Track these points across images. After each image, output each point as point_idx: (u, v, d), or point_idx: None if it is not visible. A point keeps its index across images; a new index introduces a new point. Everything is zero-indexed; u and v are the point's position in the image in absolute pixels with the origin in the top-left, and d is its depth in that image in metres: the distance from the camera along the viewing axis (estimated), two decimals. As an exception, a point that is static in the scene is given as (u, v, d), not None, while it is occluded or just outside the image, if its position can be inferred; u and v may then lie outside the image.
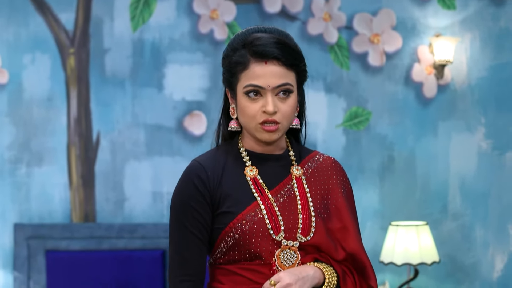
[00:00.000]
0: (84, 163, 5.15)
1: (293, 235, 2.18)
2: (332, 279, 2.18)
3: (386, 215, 5.06)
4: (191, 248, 2.18)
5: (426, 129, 5.16)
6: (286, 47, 2.16)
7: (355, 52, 5.15)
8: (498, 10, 5.13)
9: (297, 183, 2.25)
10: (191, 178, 2.18)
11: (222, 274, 2.22)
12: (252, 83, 2.14)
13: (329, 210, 2.26)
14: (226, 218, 2.18)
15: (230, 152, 2.27)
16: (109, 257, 4.96)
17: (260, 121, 2.15)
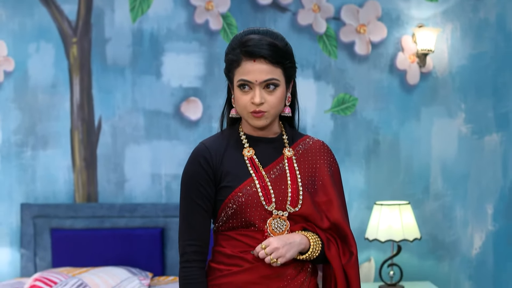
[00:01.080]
0: (87, 147, 5.21)
1: (283, 206, 2.40)
2: (317, 246, 2.39)
3: (371, 195, 5.17)
4: (197, 217, 2.41)
5: (409, 115, 5.24)
6: (273, 47, 2.36)
7: (343, 41, 5.22)
8: (477, 2, 5.21)
9: (288, 162, 2.47)
10: (197, 158, 2.42)
11: (223, 239, 2.43)
12: (243, 78, 2.36)
13: (316, 185, 2.47)
14: (226, 191, 2.40)
15: (232, 135, 2.50)
16: (111, 235, 5.03)
17: (250, 110, 2.38)
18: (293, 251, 2.36)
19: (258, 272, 2.38)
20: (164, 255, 5.07)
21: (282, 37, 2.44)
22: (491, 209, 5.19)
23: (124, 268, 4.71)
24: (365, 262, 5.13)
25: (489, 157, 5.23)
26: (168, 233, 5.08)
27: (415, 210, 5.10)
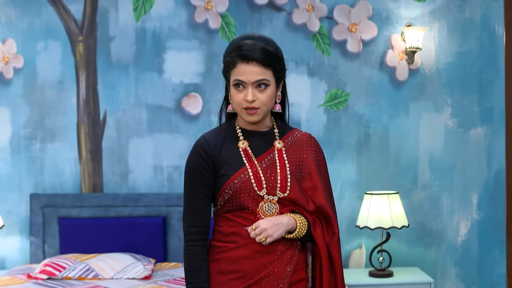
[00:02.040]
0: (92, 140, 5.36)
1: (273, 191, 2.64)
2: (303, 226, 2.63)
3: (362, 186, 5.35)
4: (199, 201, 2.65)
5: (398, 109, 5.41)
6: (264, 51, 2.59)
7: (335, 39, 5.39)
8: (463, 3, 5.39)
9: (278, 153, 2.71)
10: (198, 150, 2.67)
11: (221, 221, 2.69)
12: (237, 78, 2.59)
13: (303, 173, 2.71)
14: (223, 179, 2.64)
15: (229, 129, 2.74)
16: (116, 223, 5.18)
17: (243, 106, 2.61)
18: (280, 231, 2.59)
19: (251, 248, 2.61)
20: (166, 243, 5.23)
21: (273, 42, 2.66)
22: (476, 198, 5.38)
23: (128, 254, 4.88)
24: (357, 249, 5.33)
25: (474, 150, 5.41)
26: (170, 221, 5.25)
27: (404, 200, 5.29)
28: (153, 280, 4.63)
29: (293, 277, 2.68)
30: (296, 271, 2.69)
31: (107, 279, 4.62)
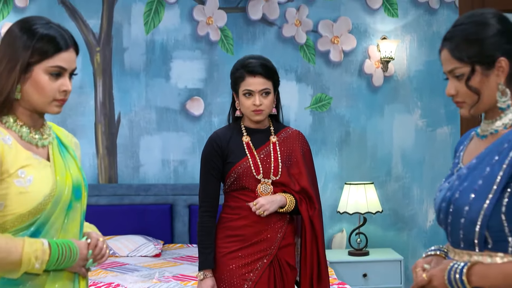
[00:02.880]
0: (108, 137, 5.88)
1: (268, 175, 3.27)
2: (292, 202, 3.25)
3: (343, 177, 5.94)
4: (210, 182, 3.28)
5: (374, 111, 5.98)
6: (266, 67, 3.23)
7: (320, 50, 5.97)
8: (431, 18, 6.00)
9: (273, 146, 3.32)
10: (211, 142, 3.30)
11: (229, 198, 3.32)
12: (247, 88, 3.23)
13: (291, 161, 3.32)
14: (230, 165, 3.27)
15: (235, 127, 3.36)
16: (129, 210, 5.68)
17: (252, 109, 3.22)
18: (275, 206, 3.21)
19: (250, 218, 3.24)
20: (172, 227, 5.78)
21: (270, 61, 3.31)
22: (442, 189, 6.02)
23: (141, 236, 5.46)
24: (338, 232, 5.97)
25: (440, 146, 6.00)
26: (176, 208, 5.80)
27: (379, 190, 5.91)
28: (162, 257, 5.24)
29: (282, 242, 3.25)
30: (285, 238, 3.27)
31: (123, 256, 5.24)
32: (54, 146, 2.29)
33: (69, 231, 2.23)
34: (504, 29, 1.99)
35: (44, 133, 2.28)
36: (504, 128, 2.01)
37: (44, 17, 2.24)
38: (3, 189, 2.06)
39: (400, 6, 6.03)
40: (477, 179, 1.95)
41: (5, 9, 5.81)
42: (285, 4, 5.97)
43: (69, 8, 5.85)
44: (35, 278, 2.13)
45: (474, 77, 1.98)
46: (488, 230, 1.92)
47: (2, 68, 2.12)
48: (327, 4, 5.99)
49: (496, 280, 1.90)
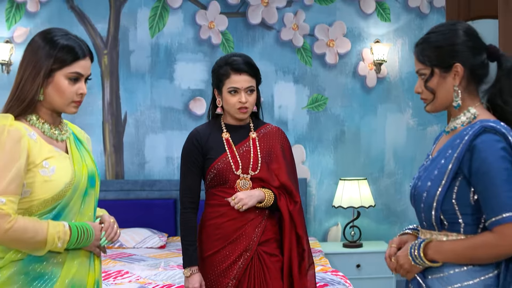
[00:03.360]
0: (115, 135, 6.09)
1: (247, 171, 3.21)
2: (270, 197, 3.19)
3: (338, 173, 6.17)
4: (191, 178, 3.23)
5: (368, 111, 6.19)
6: (250, 65, 3.18)
7: (316, 53, 6.19)
8: (422, 22, 6.23)
9: (252, 142, 3.26)
10: (191, 139, 3.24)
11: (209, 196, 3.26)
12: (232, 85, 3.16)
13: (271, 157, 3.27)
14: (209, 161, 3.21)
15: (215, 124, 3.29)
16: (135, 205, 5.90)
17: (237, 107, 3.16)
18: (253, 201, 3.15)
19: (229, 216, 3.18)
20: (176, 220, 6.02)
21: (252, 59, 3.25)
22: (433, 184, 6.25)
23: (146, 229, 5.73)
24: (334, 226, 6.22)
25: (430, 144, 6.09)
26: (179, 203, 5.97)
27: (372, 185, 6.15)
28: (167, 249, 5.51)
29: (262, 237, 3.20)
30: (265, 233, 3.21)
31: (130, 247, 5.51)
32: (71, 141, 2.60)
33: (85, 214, 2.55)
34: (467, 39, 2.29)
35: (62, 129, 2.59)
36: (461, 126, 2.31)
37: (63, 28, 2.55)
38: (29, 178, 2.37)
39: (393, 11, 6.26)
40: (434, 169, 2.27)
41: (17, 13, 6.08)
42: (283, 9, 6.21)
43: (78, 13, 6.09)
44: (57, 255, 2.43)
45: (432, 79, 2.30)
46: (443, 213, 2.23)
47: (27, 74, 2.43)
48: (323, 9, 6.23)
49: (447, 254, 2.22)
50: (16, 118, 2.42)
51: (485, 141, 2.16)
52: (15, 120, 2.41)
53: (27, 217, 2.35)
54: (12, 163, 2.31)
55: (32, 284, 2.39)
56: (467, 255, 2.19)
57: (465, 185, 2.20)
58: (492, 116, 2.30)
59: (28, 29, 6.08)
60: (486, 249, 2.15)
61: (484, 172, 2.13)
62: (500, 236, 2.12)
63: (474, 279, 2.20)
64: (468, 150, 2.18)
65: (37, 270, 2.41)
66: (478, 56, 2.30)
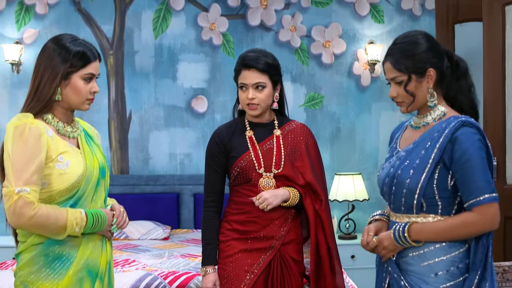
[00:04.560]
0: (120, 132, 6.30)
1: (270, 169, 3.14)
2: (295, 197, 3.11)
3: (334, 168, 6.40)
4: (214, 177, 3.21)
5: (363, 109, 6.40)
6: (261, 61, 3.09)
7: (313, 53, 6.41)
8: (414, 24, 6.47)
9: (276, 139, 3.19)
10: (214, 137, 3.22)
11: (233, 192, 3.23)
12: (241, 81, 3.11)
13: (295, 155, 3.18)
14: (233, 160, 3.17)
15: (239, 122, 3.26)
16: (140, 199, 6.08)
17: (246, 103, 3.11)
18: (278, 200, 3.08)
19: (253, 214, 3.13)
20: (179, 214, 6.22)
21: (271, 55, 3.19)
22: (425, 179, 6.48)
23: (150, 222, 5.94)
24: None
25: None
26: (182, 197, 6.24)
27: (367, 180, 6.37)
28: (170, 240, 5.72)
29: (286, 238, 3.15)
30: (289, 233, 3.16)
31: (135, 239, 5.73)
32: (82, 137, 2.89)
33: (97, 202, 2.83)
34: (431, 46, 2.63)
35: (74, 127, 2.87)
36: (433, 121, 2.63)
37: (71, 34, 2.83)
38: (47, 171, 2.65)
39: (386, 13, 6.49)
40: (415, 159, 2.58)
41: (26, 16, 6.31)
42: (281, 11, 6.43)
43: (85, 15, 6.32)
44: (73, 239, 2.71)
45: (410, 84, 2.60)
46: (424, 198, 2.54)
47: (46, 78, 2.71)
48: (319, 12, 6.44)
49: (429, 234, 2.53)
50: (34, 117, 2.69)
51: (464, 134, 2.49)
52: (34, 119, 2.68)
53: (48, 205, 2.62)
54: (34, 157, 2.59)
55: (51, 264, 2.67)
56: (448, 233, 2.51)
57: (444, 172, 2.52)
58: (457, 112, 2.63)
59: (37, 31, 6.31)
60: (466, 227, 2.48)
61: (465, 160, 2.46)
62: (480, 215, 2.46)
63: (446, 255, 2.52)
64: (450, 141, 2.49)
65: (56, 252, 2.68)
66: (443, 60, 2.62)
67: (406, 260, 2.61)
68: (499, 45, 4.87)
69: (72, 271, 2.69)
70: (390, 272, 2.65)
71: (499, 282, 3.94)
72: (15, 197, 2.54)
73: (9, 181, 2.58)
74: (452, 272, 2.53)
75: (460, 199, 2.57)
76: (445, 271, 2.53)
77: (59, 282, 2.66)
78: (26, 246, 2.69)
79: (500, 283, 3.96)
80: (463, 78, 2.68)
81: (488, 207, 2.46)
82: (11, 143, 2.61)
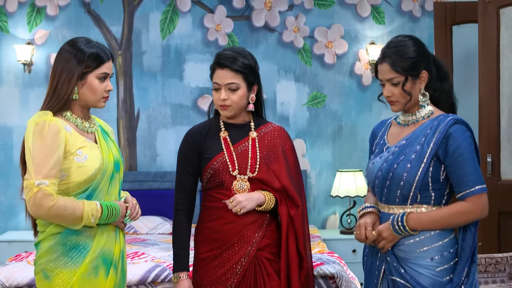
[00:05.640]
0: (129, 130, 6.48)
1: (244, 172, 3.02)
2: (270, 201, 3.01)
3: (336, 165, 6.55)
4: (186, 179, 3.08)
5: (364, 107, 6.56)
6: (236, 61, 2.94)
7: (315, 54, 6.57)
8: (414, 25, 6.63)
9: (252, 141, 3.07)
10: (187, 137, 3.13)
11: (205, 197, 3.09)
12: (215, 81, 3.00)
13: (271, 157, 3.06)
14: (206, 161, 3.04)
15: (214, 122, 3.12)
16: (147, 194, 6.23)
17: (219, 104, 2.99)
18: (252, 204, 2.96)
19: (227, 218, 2.99)
20: None
21: (250, 55, 3.03)
22: (424, 176, 6.65)
23: (158, 217, 6.14)
24: (332, 215, 6.64)
25: None
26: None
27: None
28: None
29: (262, 242, 3.01)
30: (265, 237, 3.03)
31: (143, 233, 5.94)
32: (99, 133, 3.08)
33: (112, 194, 3.01)
34: (424, 50, 2.86)
35: (91, 123, 3.06)
36: (422, 119, 2.86)
37: (85, 37, 3.02)
38: (66, 164, 2.84)
39: (387, 15, 6.66)
40: (410, 153, 2.79)
41: (38, 17, 6.51)
42: (285, 13, 6.61)
43: (94, 16, 6.50)
44: (89, 229, 2.90)
45: (406, 84, 2.79)
46: (419, 189, 2.76)
47: (63, 79, 2.91)
48: (322, 13, 6.63)
49: (427, 223, 2.76)
50: (54, 115, 2.88)
51: (457, 130, 2.74)
52: (53, 116, 2.87)
53: (66, 197, 2.81)
54: (53, 152, 2.78)
55: (69, 253, 2.86)
56: (444, 222, 2.75)
57: (437, 165, 2.76)
58: (442, 111, 2.86)
59: (48, 32, 6.50)
60: (461, 215, 2.73)
61: (459, 154, 2.71)
62: (473, 204, 2.72)
63: (439, 241, 2.77)
64: (445, 137, 2.73)
65: (73, 241, 2.86)
66: (432, 64, 2.84)
67: (402, 249, 2.82)
68: (494, 46, 5.08)
69: (88, 259, 2.87)
70: (388, 262, 2.85)
71: (492, 272, 4.14)
72: (35, 189, 2.73)
73: (30, 175, 2.77)
74: (445, 257, 2.76)
75: (449, 190, 2.82)
76: (440, 255, 2.76)
77: (76, 269, 2.85)
78: (45, 235, 2.88)
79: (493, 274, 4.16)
80: (445, 81, 2.91)
81: (479, 197, 2.72)
82: (31, 139, 2.80)
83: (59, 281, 2.84)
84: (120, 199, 3.08)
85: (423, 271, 2.76)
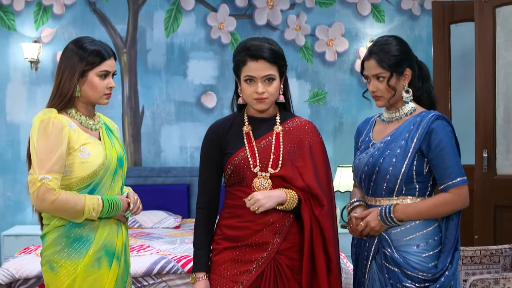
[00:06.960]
0: (134, 127, 6.58)
1: (266, 168, 2.84)
2: (292, 200, 2.81)
3: (337, 161, 6.60)
4: (208, 176, 2.95)
5: (364, 104, 6.39)
6: (269, 50, 2.78)
7: (317, 51, 6.67)
8: (413, 23, 6.72)
9: (276, 136, 2.88)
10: (209, 132, 2.97)
11: (227, 195, 2.96)
12: (248, 74, 2.79)
13: (297, 154, 2.87)
14: (227, 156, 2.89)
15: (238, 116, 2.96)
16: (152, 190, 6.33)
17: (254, 97, 2.80)
18: (272, 202, 2.78)
19: (245, 217, 2.85)
20: (189, 204, 6.47)
21: (276, 43, 2.89)
22: (424, 172, 6.73)
23: (162, 211, 6.21)
24: None
25: None
26: (192, 188, 6.51)
27: None
28: (181, 228, 6.01)
29: (282, 245, 2.84)
30: (286, 240, 2.85)
31: (148, 228, 6.02)
32: (103, 130, 3.18)
33: (114, 190, 3.11)
34: (408, 50, 3.00)
35: (96, 120, 3.17)
36: (405, 116, 2.99)
37: (89, 36, 3.12)
38: (70, 160, 2.95)
39: (387, 13, 6.76)
40: (395, 149, 2.92)
41: (44, 16, 6.62)
42: (286, 11, 6.71)
43: (100, 15, 6.61)
44: (91, 223, 3.00)
45: (391, 80, 2.92)
46: (404, 182, 2.90)
47: (66, 76, 3.00)
48: (323, 12, 6.72)
49: (412, 213, 2.90)
50: (58, 112, 2.98)
51: (440, 126, 2.88)
52: (58, 113, 2.97)
53: (68, 191, 2.92)
54: (56, 148, 2.88)
55: (73, 245, 2.96)
56: (429, 212, 2.89)
57: (421, 159, 2.90)
58: (424, 109, 2.99)
59: (54, 30, 6.60)
60: (444, 206, 2.88)
61: (441, 148, 2.86)
62: (455, 195, 2.86)
63: (423, 230, 2.91)
64: (427, 133, 2.87)
65: (76, 234, 2.97)
66: (415, 64, 2.99)
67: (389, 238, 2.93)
68: (490, 44, 5.19)
69: (91, 251, 2.96)
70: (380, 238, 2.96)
71: (487, 264, 4.28)
72: (38, 183, 2.84)
73: (34, 170, 2.87)
74: (430, 244, 2.90)
75: (432, 183, 2.96)
76: (425, 243, 2.90)
77: (80, 261, 2.95)
78: (50, 228, 2.98)
79: (487, 265, 4.30)
80: (426, 81, 3.05)
81: (461, 188, 2.87)
82: (36, 136, 2.90)
83: (64, 272, 2.94)
84: (123, 194, 3.17)
85: (410, 257, 2.89)
